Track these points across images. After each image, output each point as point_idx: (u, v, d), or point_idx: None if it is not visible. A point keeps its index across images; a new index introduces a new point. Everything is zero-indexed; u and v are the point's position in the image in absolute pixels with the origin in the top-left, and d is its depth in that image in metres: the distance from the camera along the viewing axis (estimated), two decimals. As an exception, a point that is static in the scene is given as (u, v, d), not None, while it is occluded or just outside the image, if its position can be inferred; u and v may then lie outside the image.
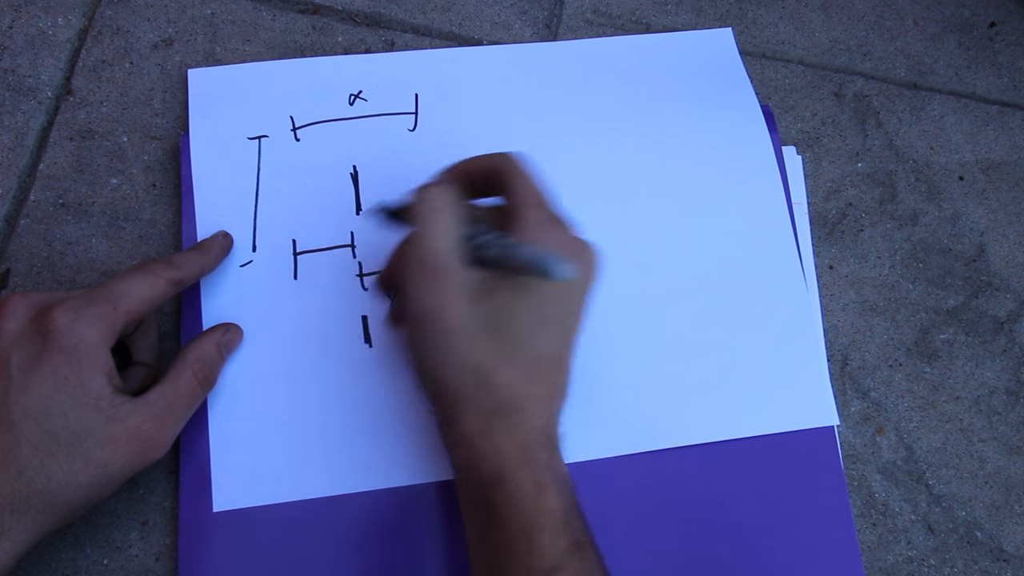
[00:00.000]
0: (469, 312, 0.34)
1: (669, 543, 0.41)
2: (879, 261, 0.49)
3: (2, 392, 0.33)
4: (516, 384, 0.34)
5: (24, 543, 0.33)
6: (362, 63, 0.49)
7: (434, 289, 0.34)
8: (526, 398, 0.34)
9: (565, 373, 0.36)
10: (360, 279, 0.44)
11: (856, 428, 0.45)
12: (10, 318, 0.34)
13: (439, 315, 0.34)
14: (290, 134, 0.47)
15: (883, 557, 0.43)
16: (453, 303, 0.34)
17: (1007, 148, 0.52)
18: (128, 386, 0.40)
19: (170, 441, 0.37)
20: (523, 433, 0.33)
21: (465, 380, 0.34)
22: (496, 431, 0.33)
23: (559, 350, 0.35)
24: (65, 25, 0.50)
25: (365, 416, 0.42)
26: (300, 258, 0.44)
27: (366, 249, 0.45)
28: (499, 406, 0.34)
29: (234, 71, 0.48)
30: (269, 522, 0.40)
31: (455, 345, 0.34)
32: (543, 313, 0.34)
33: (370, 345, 0.43)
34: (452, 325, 0.33)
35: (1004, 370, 0.47)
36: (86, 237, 0.45)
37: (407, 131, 0.48)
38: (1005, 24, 0.56)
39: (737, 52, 0.52)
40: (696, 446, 0.43)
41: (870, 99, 0.53)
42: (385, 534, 0.40)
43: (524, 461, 0.33)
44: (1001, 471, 0.45)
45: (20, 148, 0.47)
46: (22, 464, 0.32)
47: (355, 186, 0.46)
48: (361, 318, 0.44)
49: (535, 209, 0.36)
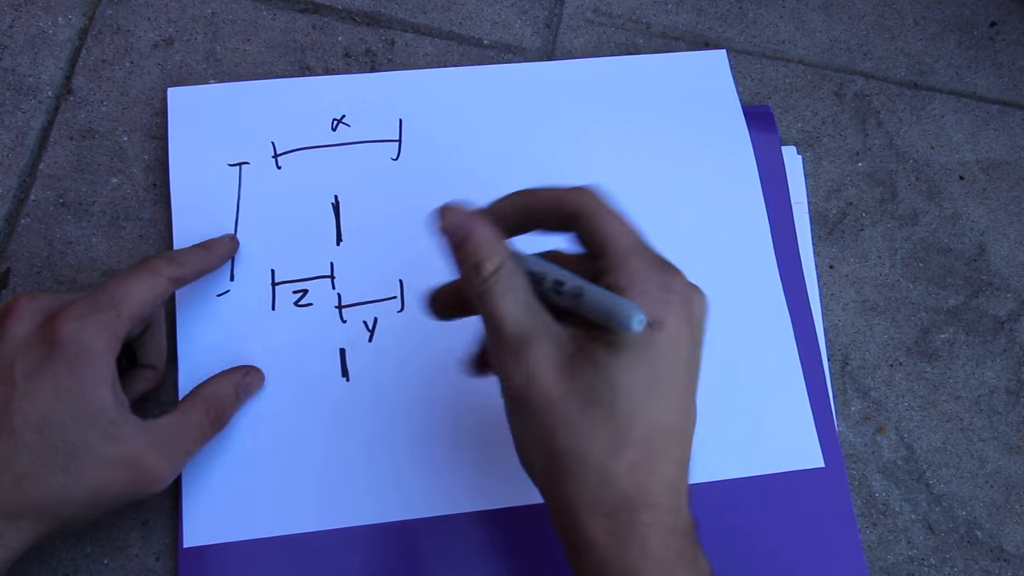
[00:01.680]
0: (566, 382, 0.28)
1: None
2: (879, 261, 0.49)
3: (5, 398, 0.33)
4: (638, 469, 0.28)
5: (16, 550, 0.32)
6: (346, 84, 0.48)
7: (524, 363, 0.28)
8: (653, 486, 0.28)
9: (689, 447, 0.30)
10: (339, 311, 0.44)
11: (856, 428, 0.45)
12: (18, 322, 0.34)
13: (532, 391, 0.28)
14: (271, 161, 0.46)
15: (883, 557, 0.43)
16: (545, 375, 0.28)
17: (1007, 148, 0.52)
18: (134, 389, 0.39)
19: (169, 476, 0.35)
20: (661, 531, 0.28)
21: (577, 474, 0.28)
22: (626, 535, 0.28)
23: (679, 418, 0.29)
24: (65, 25, 0.50)
25: (341, 450, 0.41)
26: (278, 288, 0.44)
27: (345, 280, 0.44)
28: (625, 501, 0.28)
29: (215, 90, 0.48)
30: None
31: (556, 430, 0.28)
32: (650, 374, 0.28)
33: (347, 379, 0.42)
34: (549, 401, 0.28)
35: (1004, 370, 0.47)
36: (86, 237, 0.45)
37: (390, 160, 0.47)
38: (1005, 24, 0.56)
39: (730, 74, 0.51)
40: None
41: (870, 99, 0.53)
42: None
43: (666, 566, 0.28)
44: (1001, 471, 0.45)
45: (20, 148, 0.47)
46: (20, 471, 0.32)
47: (336, 216, 0.45)
48: (339, 351, 0.43)
49: (638, 257, 0.30)
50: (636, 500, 0.28)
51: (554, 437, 0.28)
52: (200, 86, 0.48)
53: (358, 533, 0.40)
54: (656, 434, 0.28)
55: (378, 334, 0.43)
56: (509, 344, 0.29)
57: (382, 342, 0.43)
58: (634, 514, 0.28)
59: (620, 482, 0.28)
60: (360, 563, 0.39)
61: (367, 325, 0.44)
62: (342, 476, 0.41)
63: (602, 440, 0.28)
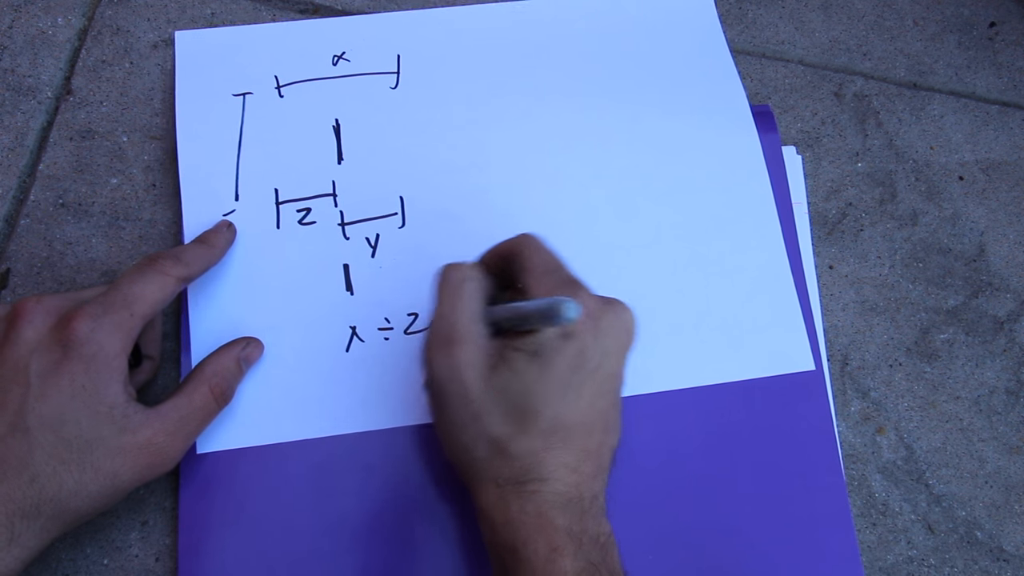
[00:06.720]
0: (485, 383, 0.34)
1: (669, 544, 0.41)
2: (879, 261, 0.49)
3: (20, 398, 0.33)
4: (533, 454, 0.33)
5: (33, 549, 0.33)
6: (345, 25, 0.50)
7: (450, 360, 0.34)
8: (547, 467, 0.33)
9: (598, 436, 0.35)
10: (342, 228, 0.45)
11: (856, 428, 0.45)
12: (28, 325, 0.34)
13: (454, 385, 0.34)
14: (274, 92, 0.48)
15: (883, 557, 0.43)
16: (467, 373, 0.34)
17: (1007, 148, 0.52)
18: (136, 380, 0.40)
19: (180, 455, 0.37)
20: (541, 500, 0.33)
21: (482, 452, 0.34)
22: (511, 501, 0.33)
23: (584, 415, 0.34)
24: (65, 25, 0.50)
25: (347, 361, 0.42)
26: (282, 207, 0.45)
27: (347, 198, 0.46)
28: (516, 476, 0.33)
29: (220, 33, 0.49)
30: (268, 521, 0.40)
31: (473, 417, 0.34)
32: (560, 378, 0.33)
33: (351, 293, 0.44)
34: (469, 396, 0.33)
35: (1004, 370, 0.47)
36: (86, 237, 0.45)
37: (389, 89, 0.49)
38: (1005, 24, 0.56)
39: (715, 13, 0.52)
40: (695, 447, 0.43)
41: (870, 99, 0.53)
42: (383, 528, 0.40)
43: (540, 527, 0.32)
44: (1001, 471, 0.45)
45: (20, 148, 0.47)
46: (35, 470, 0.32)
47: (337, 138, 0.47)
48: (343, 266, 0.44)
49: (550, 274, 0.36)
50: (528, 474, 0.33)
51: (473, 422, 0.34)
52: (206, 30, 0.50)
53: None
54: (558, 427, 0.33)
55: (380, 249, 0.45)
56: (447, 340, 0.34)
57: (384, 257, 0.45)
58: (522, 485, 0.33)
59: (517, 461, 0.33)
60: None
61: (369, 241, 0.45)
62: (349, 384, 0.42)
63: (510, 426, 0.33)
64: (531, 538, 0.32)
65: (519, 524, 0.33)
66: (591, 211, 0.47)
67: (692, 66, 0.51)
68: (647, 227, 0.47)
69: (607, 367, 0.35)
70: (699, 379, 0.44)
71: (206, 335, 0.42)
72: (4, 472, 0.32)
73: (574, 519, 0.33)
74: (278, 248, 0.44)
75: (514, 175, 0.47)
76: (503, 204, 0.46)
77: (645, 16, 0.52)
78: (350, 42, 0.50)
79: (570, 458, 0.34)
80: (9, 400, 0.33)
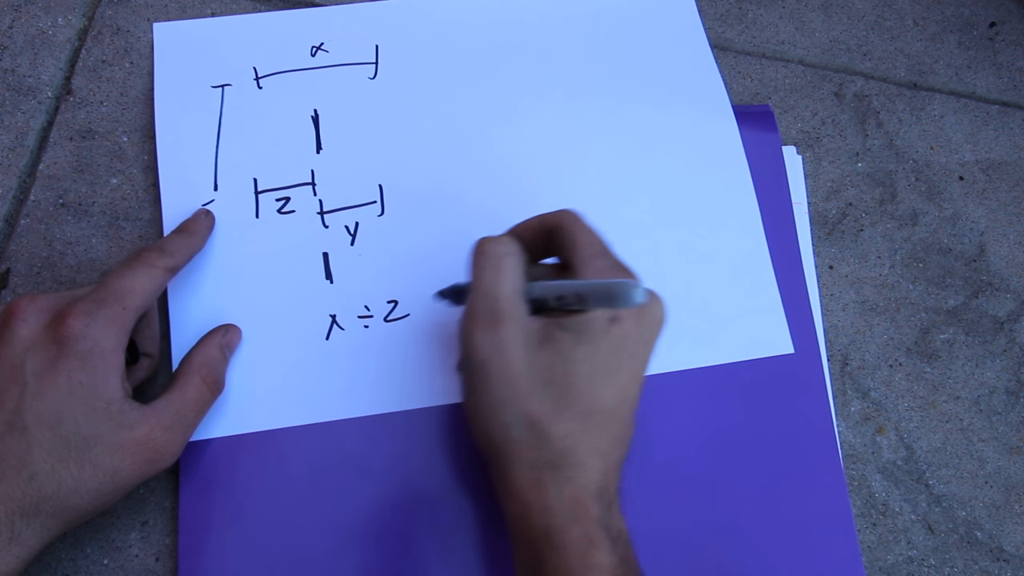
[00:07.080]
0: (527, 361, 0.33)
1: (669, 544, 0.41)
2: (879, 261, 0.49)
3: (17, 397, 0.33)
4: (572, 436, 0.33)
5: (33, 548, 0.33)
6: (323, 15, 0.51)
7: (492, 337, 0.33)
8: (582, 451, 0.33)
9: (625, 426, 0.35)
10: (321, 216, 0.45)
11: (856, 428, 0.45)
12: (22, 324, 0.34)
13: (497, 364, 0.33)
14: (253, 83, 0.48)
15: (883, 557, 0.43)
16: (511, 351, 0.33)
17: (1007, 148, 0.52)
18: (134, 378, 0.40)
19: (179, 449, 0.37)
20: (577, 487, 0.32)
21: (520, 432, 0.33)
22: (549, 485, 0.32)
23: (619, 401, 0.34)
24: (65, 25, 0.50)
25: (326, 350, 0.43)
26: (261, 196, 0.45)
27: (326, 187, 0.46)
28: (553, 459, 0.33)
29: (199, 25, 0.50)
30: (268, 521, 0.40)
31: (511, 395, 0.33)
32: (603, 362, 0.33)
33: (331, 281, 0.44)
34: (512, 374, 0.33)
35: (1004, 370, 0.47)
36: (86, 237, 0.45)
37: (368, 79, 0.49)
38: (1005, 24, 0.56)
39: (694, 3, 0.53)
40: (695, 446, 0.43)
41: (870, 99, 0.53)
42: (383, 527, 0.40)
43: (576, 515, 0.32)
44: (1001, 471, 0.45)
45: (20, 148, 0.47)
46: (34, 469, 0.32)
47: (316, 128, 0.47)
48: (322, 255, 0.44)
49: (600, 256, 0.35)
50: (563, 460, 0.33)
51: (512, 400, 0.33)
52: (184, 20, 0.50)
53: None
54: (595, 411, 0.33)
55: (359, 238, 0.45)
56: (489, 316, 0.34)
57: (363, 246, 0.45)
58: (559, 470, 0.33)
59: (554, 442, 0.33)
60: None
61: (349, 229, 0.45)
62: (329, 373, 0.42)
63: (549, 406, 0.33)
64: (567, 526, 0.32)
65: (557, 510, 0.32)
66: (571, 199, 0.46)
67: (671, 57, 0.51)
68: (628, 216, 0.47)
69: (641, 355, 0.35)
70: (680, 363, 0.44)
71: (187, 326, 0.42)
72: (3, 471, 0.32)
73: (604, 510, 0.33)
74: (257, 237, 0.44)
75: (492, 164, 0.47)
76: (481, 192, 0.46)
77: (624, 6, 0.52)
78: (329, 33, 0.50)
79: (603, 443, 0.33)
80: (6, 399, 0.33)
